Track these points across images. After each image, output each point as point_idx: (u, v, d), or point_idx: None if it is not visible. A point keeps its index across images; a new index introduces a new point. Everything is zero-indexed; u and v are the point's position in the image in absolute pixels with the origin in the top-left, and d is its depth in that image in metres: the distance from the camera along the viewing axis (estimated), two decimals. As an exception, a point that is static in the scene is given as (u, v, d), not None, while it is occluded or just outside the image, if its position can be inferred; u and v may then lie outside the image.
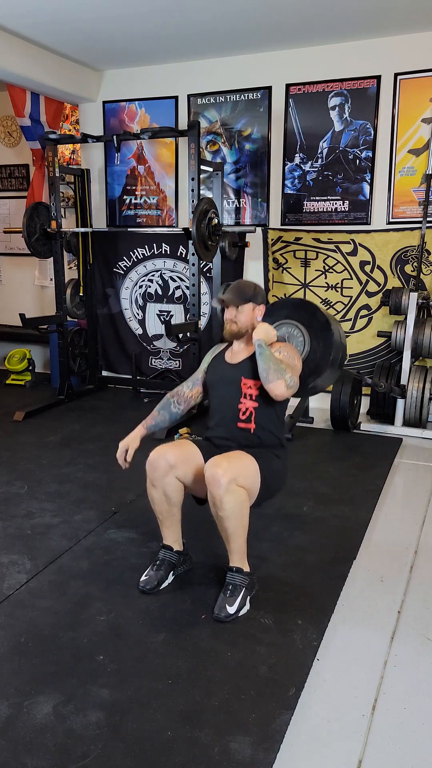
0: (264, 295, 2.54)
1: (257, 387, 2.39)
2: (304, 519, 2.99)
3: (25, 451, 3.90)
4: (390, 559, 2.62)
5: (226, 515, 2.15)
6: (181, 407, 2.60)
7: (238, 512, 2.17)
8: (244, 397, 2.41)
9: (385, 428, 4.33)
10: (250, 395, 2.41)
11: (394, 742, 1.66)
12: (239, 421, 2.42)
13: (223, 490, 2.11)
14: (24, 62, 4.49)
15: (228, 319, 2.46)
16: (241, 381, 2.42)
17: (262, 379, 2.32)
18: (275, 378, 2.29)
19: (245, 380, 2.42)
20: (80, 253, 5.25)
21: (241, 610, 2.20)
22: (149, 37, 4.39)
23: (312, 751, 1.64)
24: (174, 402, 2.60)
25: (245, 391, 2.41)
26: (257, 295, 2.48)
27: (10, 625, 2.13)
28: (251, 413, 2.41)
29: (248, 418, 2.41)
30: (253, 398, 2.40)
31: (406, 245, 4.51)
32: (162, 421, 2.58)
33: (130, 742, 1.64)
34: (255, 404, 2.40)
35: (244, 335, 2.47)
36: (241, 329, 2.45)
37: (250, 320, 2.45)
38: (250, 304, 2.45)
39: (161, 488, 2.31)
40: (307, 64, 4.59)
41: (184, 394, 2.61)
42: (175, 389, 2.64)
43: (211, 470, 2.15)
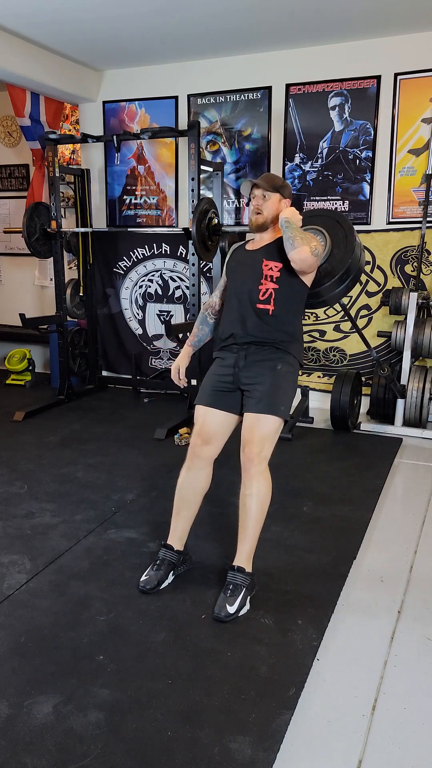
0: (291, 190, 2.56)
1: (278, 269, 2.40)
2: (304, 519, 2.99)
3: (25, 451, 3.90)
4: (390, 559, 2.62)
5: (251, 493, 2.26)
6: (216, 317, 2.64)
7: (263, 496, 2.27)
8: (264, 279, 2.41)
9: (385, 428, 4.33)
10: (271, 276, 2.40)
11: (394, 742, 1.66)
12: (258, 302, 2.40)
13: (254, 471, 2.25)
14: (24, 62, 4.49)
15: (255, 206, 2.47)
16: (262, 262, 2.43)
17: (286, 248, 2.33)
18: (300, 244, 2.30)
19: (267, 261, 2.42)
20: (80, 253, 5.25)
21: (241, 610, 2.20)
22: (149, 37, 4.39)
23: (312, 751, 1.64)
24: (209, 314, 2.65)
25: (266, 272, 2.41)
26: (285, 188, 2.49)
27: (10, 625, 2.13)
28: (271, 294, 2.40)
29: (267, 299, 2.40)
30: (273, 279, 2.40)
31: (406, 245, 4.51)
32: (203, 335, 2.68)
33: (130, 742, 1.64)
34: (276, 285, 2.40)
35: (269, 227, 2.47)
36: (266, 219, 2.46)
37: (276, 211, 2.46)
38: (277, 195, 2.46)
39: (195, 473, 2.40)
40: (307, 64, 4.59)
41: (215, 305, 2.65)
42: (207, 301, 2.69)
43: (245, 450, 2.28)
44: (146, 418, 4.66)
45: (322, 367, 4.96)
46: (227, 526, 2.83)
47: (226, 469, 2.68)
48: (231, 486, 2.71)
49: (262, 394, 2.33)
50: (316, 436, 4.26)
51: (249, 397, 2.36)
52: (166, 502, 3.06)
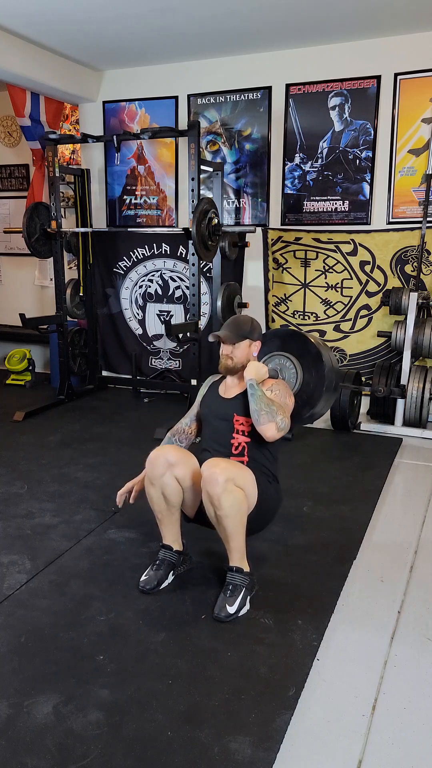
0: (260, 330, 2.56)
1: (249, 424, 2.41)
2: (304, 519, 2.99)
3: (25, 451, 3.90)
4: (390, 559, 2.62)
5: (224, 514, 2.16)
6: (183, 444, 2.64)
7: (237, 511, 2.18)
8: (236, 433, 2.45)
9: (385, 428, 4.33)
10: (243, 431, 2.44)
11: (394, 742, 1.66)
12: (232, 455, 2.44)
13: (221, 489, 2.12)
14: (24, 62, 4.49)
15: (224, 354, 2.49)
16: (233, 417, 2.45)
17: (253, 420, 2.35)
18: (266, 421, 2.32)
19: (237, 417, 2.45)
20: (80, 253, 5.24)
21: (241, 610, 2.20)
22: (149, 37, 4.39)
23: (312, 751, 1.64)
24: (176, 440, 2.65)
25: (237, 427, 2.45)
26: (253, 331, 2.50)
27: (10, 625, 2.13)
28: (244, 447, 2.44)
29: (241, 452, 2.44)
30: (245, 434, 2.44)
31: (406, 245, 4.51)
32: None
33: (130, 742, 1.64)
34: (247, 439, 2.44)
35: (240, 371, 2.49)
36: (236, 365, 2.48)
37: (246, 356, 2.48)
38: (246, 341, 2.47)
39: (159, 487, 2.32)
40: (307, 64, 4.59)
41: (184, 431, 2.66)
42: (175, 427, 2.68)
43: (208, 470, 2.16)
44: (146, 418, 4.66)
45: (322, 367, 4.96)
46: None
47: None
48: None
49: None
50: (316, 436, 4.26)
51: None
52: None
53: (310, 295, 4.90)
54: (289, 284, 4.96)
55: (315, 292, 4.88)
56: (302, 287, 4.92)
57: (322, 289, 4.85)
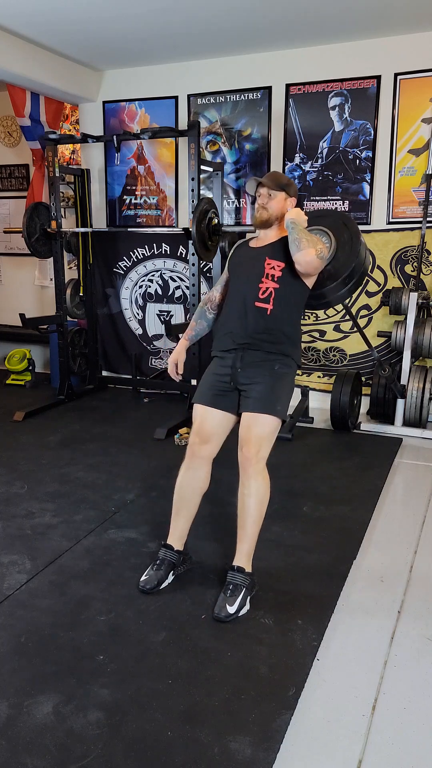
0: (296, 189, 2.56)
1: (281, 269, 2.39)
2: (304, 519, 2.99)
3: (25, 451, 3.90)
4: (390, 559, 2.62)
5: (250, 493, 2.27)
6: (215, 312, 2.64)
7: (262, 496, 2.28)
8: (266, 277, 2.41)
9: (385, 428, 4.33)
10: (273, 276, 2.40)
11: (394, 742, 1.66)
12: (257, 300, 2.40)
13: (252, 470, 2.27)
14: (24, 62, 4.49)
15: (260, 204, 2.47)
16: (264, 260, 2.42)
17: (292, 250, 2.33)
18: (306, 246, 2.31)
19: (269, 260, 2.42)
20: (80, 253, 5.24)
21: (241, 610, 2.20)
22: (149, 37, 4.39)
23: (312, 751, 1.64)
24: (208, 308, 2.64)
25: (268, 271, 2.41)
26: (290, 186, 2.50)
27: (10, 625, 2.13)
28: (271, 293, 2.39)
29: (267, 297, 2.39)
30: (275, 279, 2.40)
31: (406, 245, 4.51)
32: (201, 330, 2.66)
33: (130, 742, 1.64)
34: (276, 285, 2.40)
35: (273, 224, 2.47)
36: (271, 216, 2.46)
37: (281, 209, 2.47)
38: (282, 193, 2.46)
39: (194, 473, 2.41)
40: (307, 64, 4.59)
41: (215, 299, 2.64)
42: (207, 295, 2.67)
43: (242, 451, 2.29)
44: (146, 418, 4.66)
45: (322, 367, 4.96)
46: (227, 526, 2.83)
47: (225, 469, 2.68)
48: (231, 486, 2.70)
49: (260, 394, 2.34)
50: (316, 436, 4.26)
51: (246, 397, 2.37)
52: (166, 502, 3.06)
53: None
54: (289, 284, 4.95)
55: (315, 292, 4.87)
56: (302, 287, 4.91)
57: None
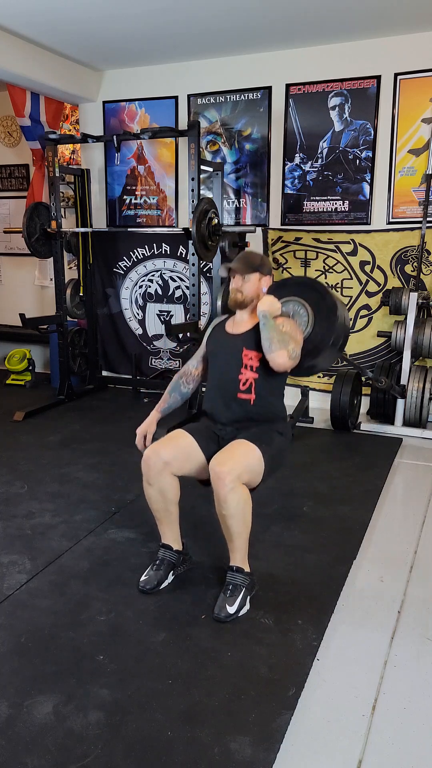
0: (270, 266, 2.54)
1: (258, 359, 2.39)
2: (304, 519, 2.99)
3: (25, 451, 3.90)
4: (390, 559, 2.62)
5: (230, 513, 2.16)
6: (190, 386, 2.65)
7: (242, 511, 2.18)
8: (244, 368, 2.41)
9: (385, 428, 4.33)
10: (251, 366, 2.41)
11: (394, 742, 1.66)
12: (239, 391, 2.41)
13: (228, 489, 2.13)
14: (24, 62, 4.49)
15: (234, 288, 2.46)
16: (242, 351, 2.42)
17: (264, 349, 2.33)
18: (278, 348, 2.30)
19: (246, 351, 2.42)
20: (80, 253, 5.24)
21: (241, 610, 2.20)
22: (149, 37, 4.39)
23: (312, 751, 1.64)
24: (183, 382, 2.64)
25: (246, 362, 2.41)
26: (264, 265, 2.48)
27: (10, 625, 2.13)
28: (251, 384, 2.40)
29: (248, 388, 2.40)
30: (253, 369, 2.40)
31: (406, 245, 4.51)
32: (174, 403, 2.66)
33: (130, 742, 1.64)
34: (255, 375, 2.40)
35: (248, 305, 2.47)
36: (245, 299, 2.45)
37: (256, 290, 2.46)
38: (256, 274, 2.45)
39: (157, 486, 2.31)
40: (307, 64, 4.59)
41: (191, 374, 2.64)
42: (182, 369, 2.67)
43: (215, 470, 2.16)
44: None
45: (322, 367, 4.96)
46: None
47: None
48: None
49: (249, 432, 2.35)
50: (316, 436, 4.26)
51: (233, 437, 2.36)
52: (166, 502, 3.07)
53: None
54: (289, 284, 4.95)
55: (315, 292, 4.87)
56: (302, 287, 4.91)
57: (322, 289, 4.85)
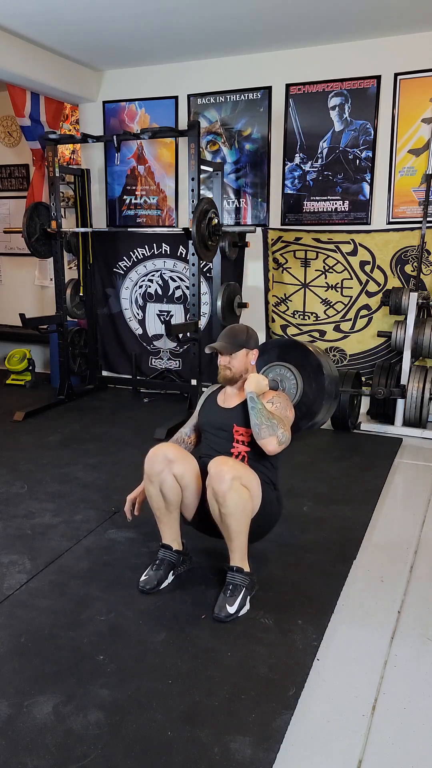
0: (257, 338, 2.54)
1: (249, 434, 2.40)
2: (304, 519, 2.99)
3: (25, 451, 3.90)
4: (390, 559, 2.62)
5: (229, 512, 2.16)
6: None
7: (241, 510, 2.18)
8: (236, 443, 2.44)
9: (385, 428, 4.33)
10: (242, 441, 2.44)
11: (394, 742, 1.66)
12: None
13: (227, 486, 2.13)
14: (24, 62, 4.49)
15: (222, 365, 2.47)
16: (233, 428, 2.45)
17: (254, 434, 2.34)
18: (267, 435, 2.31)
19: (237, 427, 2.44)
20: (80, 253, 5.24)
21: (241, 610, 2.20)
22: (149, 37, 4.39)
23: (312, 751, 1.64)
24: None
25: (237, 437, 2.44)
26: (249, 339, 2.48)
27: (10, 625, 2.13)
28: (244, 457, 2.43)
29: (241, 461, 2.41)
30: (245, 444, 2.43)
31: (406, 245, 4.51)
32: None
33: (130, 742, 1.64)
34: (247, 449, 2.43)
35: (238, 380, 2.49)
36: (234, 375, 2.47)
37: (244, 365, 2.47)
38: (243, 350, 2.46)
39: (158, 484, 2.32)
40: (307, 64, 4.59)
41: (184, 441, 2.65)
42: (175, 436, 2.68)
43: (216, 467, 2.17)
44: (146, 418, 4.65)
45: (322, 367, 4.96)
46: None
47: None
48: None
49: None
50: (316, 436, 4.26)
51: None
52: (166, 502, 3.07)
53: (310, 295, 4.90)
54: (289, 284, 4.96)
55: (315, 292, 4.88)
56: (302, 287, 4.92)
57: (322, 289, 4.85)
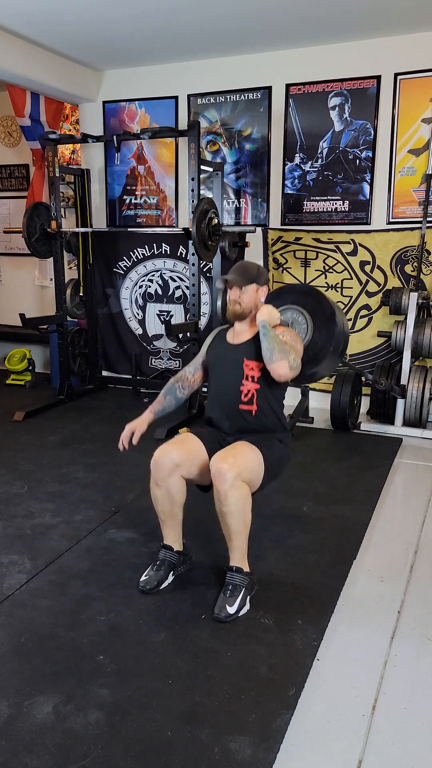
0: (267, 276, 2.55)
1: (259, 368, 2.40)
2: (304, 519, 2.99)
3: (25, 451, 3.90)
4: (390, 559, 2.62)
5: (229, 511, 2.17)
6: (185, 392, 2.66)
7: (242, 509, 2.19)
8: (245, 379, 2.42)
9: (385, 428, 4.33)
10: (252, 377, 2.42)
11: (394, 742, 1.66)
12: (241, 402, 2.43)
13: (228, 485, 2.14)
14: (24, 62, 4.49)
15: (231, 299, 2.47)
16: (243, 362, 2.43)
17: (265, 359, 2.33)
18: (279, 358, 2.30)
19: (248, 362, 2.43)
20: (80, 253, 5.25)
21: (241, 610, 2.20)
22: (149, 37, 4.39)
23: (312, 751, 1.64)
24: (179, 387, 2.66)
25: (247, 372, 2.42)
26: (260, 275, 2.49)
27: (10, 625, 2.13)
28: (253, 395, 2.41)
29: (250, 399, 2.42)
30: (255, 380, 2.41)
31: (406, 245, 4.51)
32: (168, 406, 2.67)
33: (130, 742, 1.64)
34: (257, 386, 2.41)
35: (247, 316, 2.48)
36: (244, 310, 2.46)
37: (254, 301, 2.47)
38: (253, 285, 2.46)
39: (165, 488, 2.32)
40: (307, 64, 4.59)
41: (187, 379, 2.66)
42: (178, 374, 2.69)
43: (217, 465, 2.17)
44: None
45: (322, 367, 4.96)
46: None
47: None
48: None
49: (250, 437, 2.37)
50: (316, 436, 4.26)
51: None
52: (166, 502, 3.07)
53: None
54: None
55: (315, 292, 4.88)
56: (302, 287, 4.91)
57: (322, 289, 4.84)
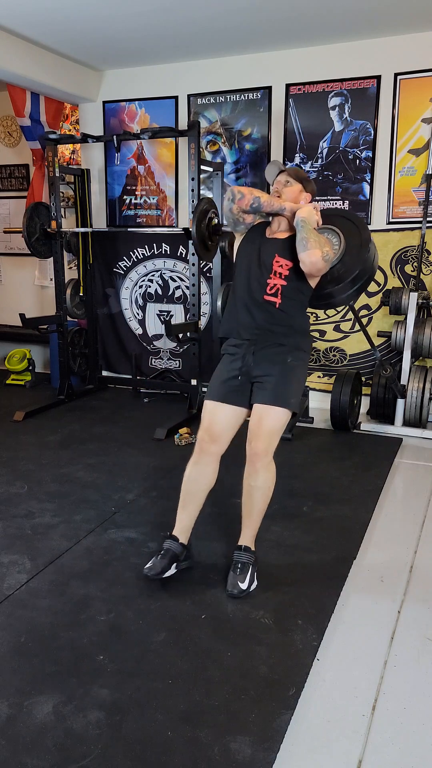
0: (315, 189, 2.60)
1: (288, 268, 2.42)
2: (304, 519, 2.99)
3: (25, 451, 3.90)
4: (390, 559, 2.62)
5: (258, 486, 2.34)
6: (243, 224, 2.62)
7: (269, 487, 2.37)
8: (273, 274, 2.44)
9: (385, 428, 4.33)
10: (280, 273, 2.43)
11: (394, 742, 1.66)
12: (265, 294, 2.44)
13: (262, 465, 2.32)
14: (24, 62, 4.49)
15: (275, 188, 2.51)
16: (274, 257, 2.45)
17: (299, 248, 2.35)
18: (314, 246, 2.33)
19: (279, 258, 2.44)
20: (80, 253, 5.24)
21: (251, 586, 2.30)
22: (149, 37, 4.39)
23: (312, 751, 1.64)
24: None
25: (276, 268, 2.44)
26: (309, 184, 2.56)
27: (10, 625, 2.13)
28: (278, 289, 2.43)
29: (275, 293, 2.43)
30: (282, 277, 2.43)
31: (406, 245, 4.51)
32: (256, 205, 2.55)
33: (130, 742, 1.64)
34: (284, 282, 2.43)
35: (282, 212, 2.48)
36: (282, 204, 2.46)
37: (294, 199, 2.51)
38: (299, 185, 2.51)
39: (202, 468, 2.42)
40: (307, 64, 4.59)
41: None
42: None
43: (252, 448, 2.33)
44: (146, 418, 4.65)
45: (322, 367, 4.96)
46: (228, 526, 2.83)
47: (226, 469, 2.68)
48: (232, 487, 2.71)
49: (273, 386, 2.38)
50: (316, 436, 4.26)
51: (259, 389, 2.40)
52: (166, 502, 3.07)
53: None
54: (289, 284, 4.95)
55: (315, 292, 4.87)
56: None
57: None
